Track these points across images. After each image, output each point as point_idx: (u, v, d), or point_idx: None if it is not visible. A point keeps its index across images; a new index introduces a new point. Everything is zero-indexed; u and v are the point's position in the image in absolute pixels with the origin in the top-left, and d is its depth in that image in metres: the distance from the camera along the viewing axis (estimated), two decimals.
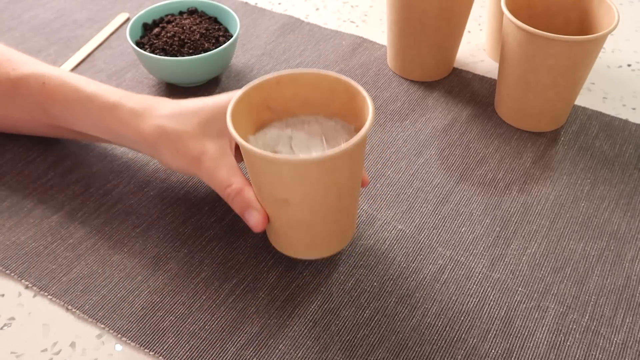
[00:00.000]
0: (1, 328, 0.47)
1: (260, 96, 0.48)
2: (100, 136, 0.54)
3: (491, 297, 0.49)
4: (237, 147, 0.52)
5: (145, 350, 0.45)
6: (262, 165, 0.42)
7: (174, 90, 0.67)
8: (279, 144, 0.47)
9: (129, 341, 0.46)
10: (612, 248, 0.52)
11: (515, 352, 0.45)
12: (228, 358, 0.45)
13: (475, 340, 0.46)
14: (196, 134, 0.48)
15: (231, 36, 0.67)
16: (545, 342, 0.46)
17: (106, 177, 0.57)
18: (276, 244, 0.49)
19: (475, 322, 0.47)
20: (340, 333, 0.46)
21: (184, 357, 0.45)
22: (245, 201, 0.47)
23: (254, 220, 0.46)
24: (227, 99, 0.49)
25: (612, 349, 0.46)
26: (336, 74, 0.47)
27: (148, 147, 0.51)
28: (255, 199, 0.47)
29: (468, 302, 0.48)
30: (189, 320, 0.47)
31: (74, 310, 0.47)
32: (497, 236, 0.53)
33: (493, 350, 0.46)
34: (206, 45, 0.65)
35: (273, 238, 0.49)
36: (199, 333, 0.46)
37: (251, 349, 0.45)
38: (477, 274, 0.50)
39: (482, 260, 0.51)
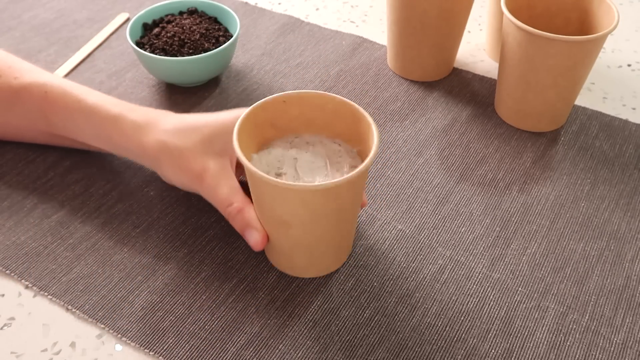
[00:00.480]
0: (1, 328, 0.47)
1: (265, 115, 0.48)
2: (102, 147, 0.54)
3: (491, 297, 0.49)
4: (238, 163, 0.52)
5: (145, 350, 0.45)
6: (266, 188, 0.43)
7: (174, 90, 0.67)
8: (283, 165, 0.48)
9: (129, 341, 0.46)
10: (612, 248, 0.52)
11: (515, 352, 0.45)
12: (228, 358, 0.45)
13: (475, 340, 0.46)
14: (198, 150, 0.48)
15: (231, 36, 0.67)
16: (545, 342, 0.46)
17: (106, 177, 0.57)
18: (274, 262, 0.50)
19: (475, 322, 0.47)
20: (340, 333, 0.46)
21: (184, 357, 0.45)
22: (245, 220, 0.47)
23: (254, 239, 0.47)
24: (229, 117, 0.49)
25: (612, 349, 0.46)
26: (342, 98, 0.48)
27: (150, 160, 0.51)
28: (256, 219, 0.47)
29: (468, 302, 0.48)
30: (189, 320, 0.47)
31: (74, 310, 0.47)
32: (497, 236, 0.53)
33: (493, 350, 0.46)
34: (206, 45, 0.65)
35: (271, 256, 0.50)
36: (199, 333, 0.46)
37: (251, 349, 0.45)
38: (477, 274, 0.50)
39: (482, 260, 0.51)
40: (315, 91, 0.48)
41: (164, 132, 0.50)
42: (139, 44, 0.66)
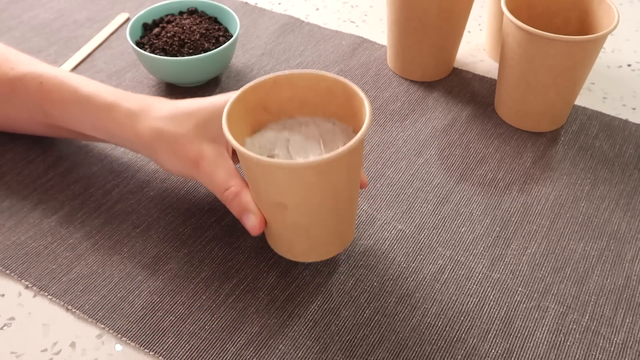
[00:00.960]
0: (1, 328, 0.47)
1: (256, 97, 0.47)
2: (99, 137, 0.54)
3: (491, 297, 0.49)
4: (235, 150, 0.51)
5: (145, 350, 0.45)
6: (259, 169, 0.42)
7: (174, 90, 0.67)
8: (276, 147, 0.47)
9: (129, 341, 0.46)
10: (612, 248, 0.52)
11: (515, 352, 0.45)
12: (228, 358, 0.45)
13: (475, 340, 0.46)
14: (193, 136, 0.48)
15: (231, 36, 0.67)
16: (545, 342, 0.46)
17: (106, 177, 0.57)
18: (275, 247, 0.49)
19: (475, 322, 0.47)
20: (340, 333, 0.46)
21: (184, 357, 0.45)
22: (242, 204, 0.47)
23: (251, 223, 0.46)
24: (224, 101, 0.49)
25: (612, 349, 0.46)
26: (333, 75, 0.47)
27: (145, 148, 0.51)
28: (253, 202, 0.47)
29: (468, 302, 0.48)
30: (189, 320, 0.47)
31: (74, 310, 0.47)
32: (497, 236, 0.53)
33: (493, 350, 0.46)
34: (206, 45, 0.65)
35: (271, 241, 0.49)
36: (199, 333, 0.46)
37: (251, 349, 0.45)
38: (477, 274, 0.50)
39: (482, 260, 0.51)
40: (306, 70, 0.48)
41: (159, 119, 0.49)
42: (139, 44, 0.66)
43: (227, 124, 0.44)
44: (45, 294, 0.48)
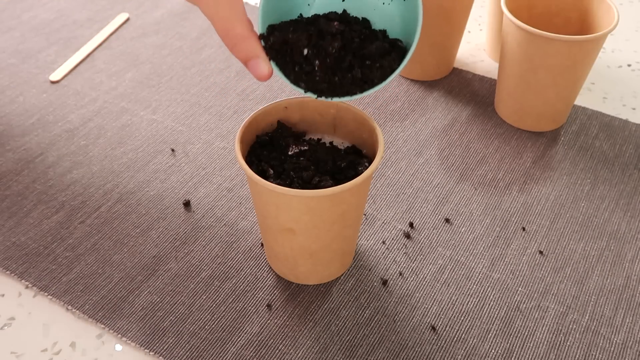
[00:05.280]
0: (1, 328, 0.47)
1: (267, 120, 0.48)
2: None
3: (491, 297, 0.49)
4: None
5: (145, 350, 0.45)
6: (272, 196, 0.42)
7: (173, 90, 0.67)
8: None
9: (129, 341, 0.46)
10: (612, 248, 0.52)
11: (515, 352, 0.45)
12: (228, 358, 0.45)
13: (475, 340, 0.46)
14: None
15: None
16: (545, 342, 0.46)
17: (106, 177, 0.57)
18: (277, 269, 0.50)
19: (475, 322, 0.47)
20: (340, 333, 0.46)
21: (184, 357, 0.45)
22: (250, 49, 0.42)
23: (261, 69, 0.42)
24: None
25: (612, 349, 0.46)
26: (345, 103, 0.47)
27: None
28: (262, 48, 0.42)
29: (468, 302, 0.48)
30: (189, 320, 0.47)
31: (74, 310, 0.47)
32: (497, 236, 0.53)
33: (493, 350, 0.45)
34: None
35: (274, 263, 0.49)
36: (199, 333, 0.46)
37: (251, 349, 0.45)
38: (477, 274, 0.50)
39: (482, 260, 0.51)
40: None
41: None
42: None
43: (239, 147, 0.44)
44: (45, 294, 0.48)
